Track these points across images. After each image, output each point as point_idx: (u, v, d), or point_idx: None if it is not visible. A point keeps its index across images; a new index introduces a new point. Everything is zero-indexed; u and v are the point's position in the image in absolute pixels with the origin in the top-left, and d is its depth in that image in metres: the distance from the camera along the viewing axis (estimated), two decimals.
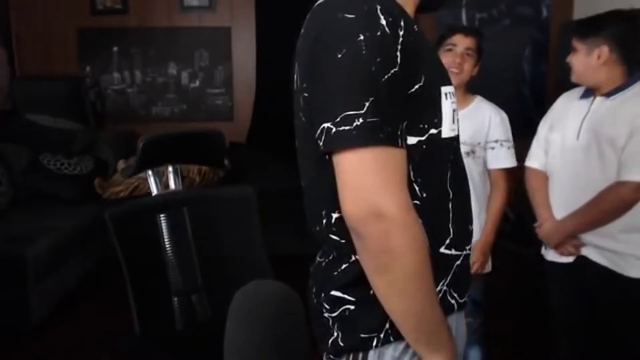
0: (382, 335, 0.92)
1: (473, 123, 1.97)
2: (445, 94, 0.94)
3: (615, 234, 1.75)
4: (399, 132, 0.85)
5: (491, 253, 2.06)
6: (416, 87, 0.88)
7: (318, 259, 1.00)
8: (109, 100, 4.20)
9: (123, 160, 3.72)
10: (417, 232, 0.85)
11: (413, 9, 1.01)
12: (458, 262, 0.99)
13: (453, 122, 0.96)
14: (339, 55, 0.82)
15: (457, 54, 1.92)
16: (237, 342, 0.70)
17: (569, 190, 1.82)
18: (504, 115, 2.00)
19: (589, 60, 1.79)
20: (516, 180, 2.05)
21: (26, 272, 2.65)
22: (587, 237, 1.81)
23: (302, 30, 0.92)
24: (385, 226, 0.82)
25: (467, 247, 1.02)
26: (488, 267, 2.07)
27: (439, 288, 0.95)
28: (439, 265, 0.93)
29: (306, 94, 0.90)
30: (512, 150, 2.01)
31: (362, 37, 0.83)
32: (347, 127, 0.81)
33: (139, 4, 4.10)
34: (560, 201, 1.86)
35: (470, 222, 1.05)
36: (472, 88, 2.05)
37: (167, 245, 1.66)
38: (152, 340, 1.59)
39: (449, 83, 0.97)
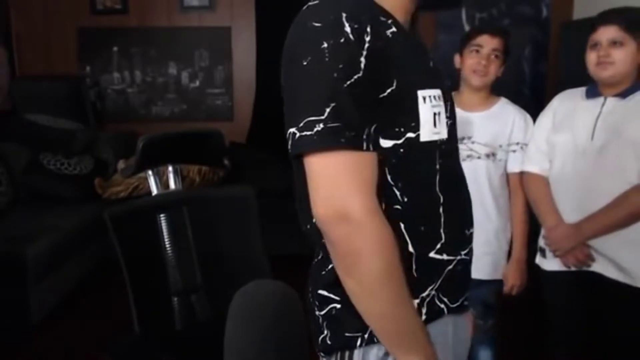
0: (366, 335, 0.93)
1: (496, 125, 1.91)
2: (425, 97, 0.94)
3: (630, 244, 1.69)
4: (364, 137, 0.87)
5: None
6: (388, 91, 0.90)
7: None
8: (109, 100, 4.20)
9: (123, 160, 3.72)
10: (382, 235, 0.86)
11: (407, 9, 1.01)
12: (450, 267, 0.99)
13: (435, 125, 0.95)
14: (305, 63, 0.86)
15: (483, 55, 1.86)
16: (237, 342, 0.70)
17: (583, 193, 1.73)
18: (529, 118, 1.93)
19: (634, 56, 1.69)
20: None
21: (26, 272, 2.65)
22: (595, 246, 1.74)
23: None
24: (350, 229, 0.84)
25: (463, 252, 1.02)
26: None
27: (427, 293, 0.96)
28: (428, 270, 0.96)
29: None
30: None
31: (325, 45, 0.86)
32: (308, 133, 0.85)
33: (139, 4, 4.10)
34: (572, 205, 1.76)
35: (468, 226, 1.05)
36: None
37: (167, 245, 1.66)
38: (152, 340, 1.59)
39: (434, 86, 0.96)
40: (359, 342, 0.94)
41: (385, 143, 0.91)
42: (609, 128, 1.70)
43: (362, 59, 0.87)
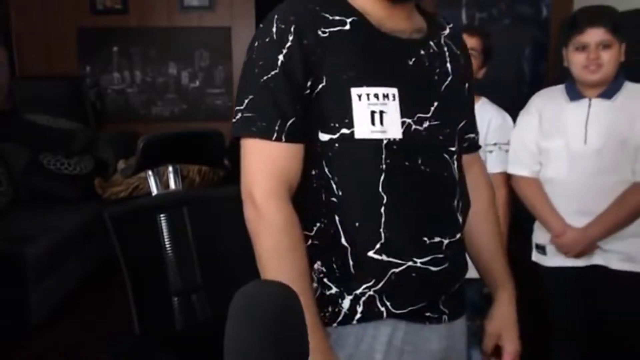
0: (338, 315, 1.00)
1: None
2: (360, 95, 0.96)
3: (632, 235, 1.74)
4: (276, 127, 0.95)
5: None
6: (320, 87, 0.96)
7: None
8: (109, 100, 4.20)
9: (123, 160, 3.72)
10: (274, 220, 0.95)
11: (383, 3, 1.01)
12: (396, 271, 0.98)
13: (374, 124, 0.96)
14: (245, 59, 1.00)
15: None
16: (237, 342, 0.70)
17: (583, 197, 1.76)
18: (508, 119, 1.91)
19: (618, 58, 1.72)
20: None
21: (26, 272, 2.65)
22: (605, 244, 1.78)
23: None
24: (254, 211, 0.96)
25: (420, 260, 0.99)
26: None
27: (361, 290, 0.98)
28: (365, 268, 0.98)
29: None
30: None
31: (257, 44, 0.99)
32: (234, 120, 0.99)
33: (139, 4, 4.10)
34: (573, 209, 1.78)
35: (432, 234, 1.01)
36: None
37: (167, 245, 1.66)
38: (152, 340, 1.59)
39: (380, 84, 0.97)
40: (329, 320, 1.00)
41: (323, 136, 0.98)
42: (601, 130, 1.72)
43: (280, 57, 0.95)
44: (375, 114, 0.96)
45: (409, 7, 1.05)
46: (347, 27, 0.98)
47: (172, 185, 1.90)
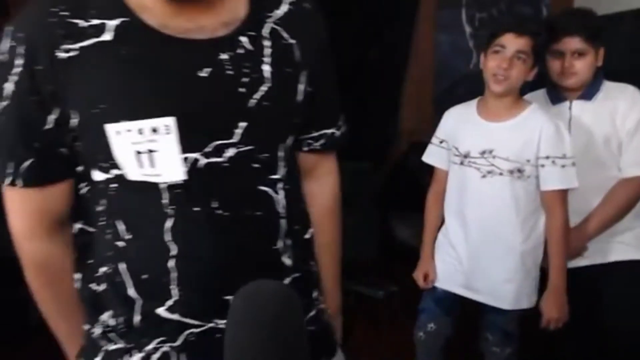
0: None
1: (521, 136, 1.71)
2: (119, 132, 0.75)
3: (628, 226, 1.79)
4: (8, 171, 0.81)
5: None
6: (74, 122, 0.77)
7: None
8: None
9: None
10: (31, 260, 0.92)
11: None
12: (196, 331, 0.84)
13: (143, 165, 0.77)
14: None
15: (504, 57, 1.66)
16: (237, 342, 0.70)
17: (571, 197, 1.75)
18: (562, 128, 1.71)
19: (594, 63, 1.77)
20: None
21: None
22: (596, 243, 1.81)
23: None
24: (17, 246, 0.92)
25: (222, 321, 0.82)
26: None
27: (154, 346, 0.84)
28: (154, 326, 0.84)
29: None
30: (570, 169, 1.69)
31: None
32: None
33: None
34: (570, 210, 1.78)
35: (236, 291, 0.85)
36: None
37: None
38: None
39: (137, 116, 0.75)
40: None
41: (98, 175, 0.82)
42: (583, 130, 1.78)
43: (10, 85, 0.76)
44: (142, 155, 0.76)
45: None
46: (108, 36, 0.74)
47: None
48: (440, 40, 3.99)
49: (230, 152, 0.80)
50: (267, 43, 0.83)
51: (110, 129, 0.75)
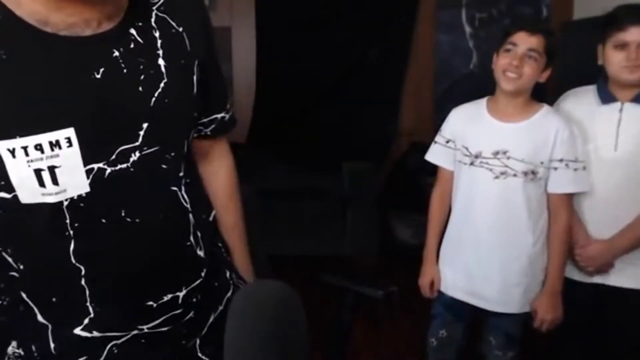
0: None
1: (535, 138, 1.67)
2: (13, 150, 0.65)
3: None
4: None
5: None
6: None
7: None
8: None
9: None
10: None
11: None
12: (118, 342, 0.81)
13: (44, 185, 0.69)
14: None
15: (516, 55, 1.64)
16: (237, 342, 0.70)
17: (611, 207, 1.68)
18: (575, 131, 1.68)
19: None
20: None
21: None
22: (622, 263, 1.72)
23: None
24: None
25: (145, 326, 0.81)
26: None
27: None
28: (72, 347, 0.80)
29: None
30: (582, 172, 1.67)
31: None
32: None
33: None
34: (606, 220, 1.71)
35: (157, 296, 0.81)
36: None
37: None
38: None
39: (32, 131, 0.66)
40: None
41: None
42: (632, 138, 1.65)
43: None
44: (44, 173, 0.68)
45: None
46: None
47: None
48: (440, 40, 3.99)
49: (135, 156, 0.74)
50: (157, 34, 0.76)
51: (2, 146, 0.65)
